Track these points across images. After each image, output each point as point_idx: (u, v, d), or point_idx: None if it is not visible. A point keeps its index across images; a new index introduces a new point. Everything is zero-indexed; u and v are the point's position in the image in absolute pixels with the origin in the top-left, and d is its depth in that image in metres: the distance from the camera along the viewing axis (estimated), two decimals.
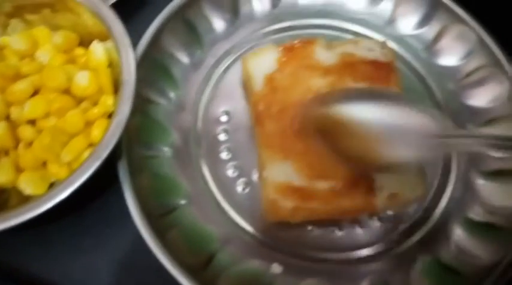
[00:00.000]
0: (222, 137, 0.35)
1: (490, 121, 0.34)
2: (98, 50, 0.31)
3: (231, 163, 0.34)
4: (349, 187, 0.29)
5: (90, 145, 0.29)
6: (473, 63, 0.36)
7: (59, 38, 0.31)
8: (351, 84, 0.32)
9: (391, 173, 0.29)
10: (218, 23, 0.37)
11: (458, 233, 0.31)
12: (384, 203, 0.29)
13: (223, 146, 0.34)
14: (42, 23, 0.33)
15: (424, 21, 0.38)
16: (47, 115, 0.29)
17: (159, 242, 0.27)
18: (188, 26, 0.36)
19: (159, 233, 0.28)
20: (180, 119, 0.34)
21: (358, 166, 0.28)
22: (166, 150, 0.33)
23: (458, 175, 0.34)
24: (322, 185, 0.29)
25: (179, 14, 0.35)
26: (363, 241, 0.31)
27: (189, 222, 0.31)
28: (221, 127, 0.35)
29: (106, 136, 0.26)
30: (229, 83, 0.36)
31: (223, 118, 0.35)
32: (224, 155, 0.34)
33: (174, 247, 0.28)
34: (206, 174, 0.33)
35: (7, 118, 0.29)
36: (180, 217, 0.30)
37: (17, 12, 0.33)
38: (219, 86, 0.36)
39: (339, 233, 0.31)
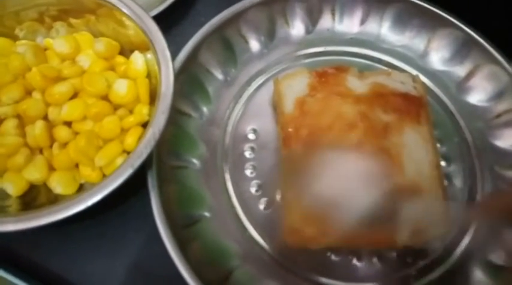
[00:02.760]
0: (248, 154, 0.35)
1: None
2: (139, 61, 0.32)
3: (254, 181, 0.34)
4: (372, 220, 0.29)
5: (123, 151, 0.30)
6: (504, 105, 0.36)
7: (101, 44, 0.32)
8: (380, 114, 0.32)
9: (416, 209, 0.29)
10: (254, 44, 0.38)
11: (478, 275, 0.31)
12: (405, 239, 0.29)
13: (248, 164, 0.35)
14: (86, 29, 0.35)
15: (456, 58, 0.38)
16: (84, 118, 0.30)
17: (181, 253, 0.28)
18: (225, 44, 0.37)
19: (182, 244, 0.28)
20: (209, 133, 0.35)
21: None
22: (195, 162, 0.33)
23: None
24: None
25: (218, 32, 0.36)
26: (380, 274, 0.31)
27: (210, 235, 0.31)
28: (248, 145, 0.35)
29: (140, 145, 0.27)
30: (260, 102, 0.37)
31: (251, 136, 0.36)
32: (249, 172, 0.34)
33: (194, 259, 0.28)
34: (230, 189, 0.34)
35: (45, 118, 0.30)
36: (202, 229, 0.31)
37: (62, 15, 0.34)
38: (249, 104, 0.37)
39: (357, 263, 0.31)
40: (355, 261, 0.32)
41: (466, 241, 0.33)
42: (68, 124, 0.30)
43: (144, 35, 0.31)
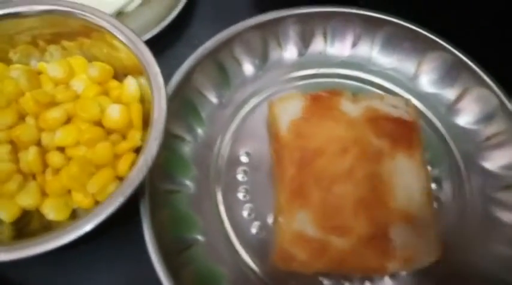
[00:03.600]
0: (240, 177, 0.35)
1: (507, 187, 0.35)
2: (132, 85, 0.32)
3: (247, 205, 0.34)
4: (363, 245, 0.29)
5: (116, 177, 0.30)
6: (494, 127, 0.36)
7: (95, 69, 0.32)
8: (373, 139, 0.32)
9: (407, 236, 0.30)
10: (247, 66, 0.39)
11: None
12: (396, 266, 0.29)
13: (241, 187, 0.35)
14: (79, 52, 0.35)
15: (446, 81, 0.39)
16: (77, 143, 0.30)
17: (173, 280, 0.28)
18: (219, 67, 0.37)
19: (174, 271, 0.28)
20: (203, 155, 0.35)
21: None
22: (187, 185, 0.34)
23: (473, 237, 0.34)
24: (336, 240, 0.30)
25: (211, 55, 0.36)
26: None
27: (203, 260, 0.31)
28: (241, 167, 0.35)
29: (133, 172, 0.27)
30: (253, 124, 0.37)
31: (244, 159, 0.36)
32: (241, 196, 0.34)
33: None
34: (222, 213, 0.34)
35: (38, 143, 0.30)
36: (194, 254, 0.31)
37: (55, 39, 0.34)
38: (242, 126, 0.37)
39: None
40: None
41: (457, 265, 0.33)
42: (61, 149, 0.30)
43: (137, 60, 0.31)
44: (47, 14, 0.32)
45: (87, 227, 0.25)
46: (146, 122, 0.31)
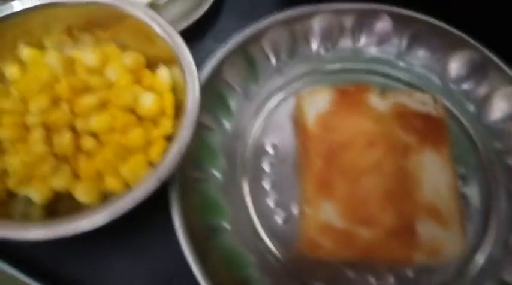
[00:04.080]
0: (267, 168, 0.36)
1: None
2: (165, 75, 0.32)
3: (273, 195, 0.34)
4: (389, 237, 0.29)
5: (148, 163, 0.30)
6: None
7: (128, 58, 0.33)
8: (401, 134, 0.33)
9: (434, 228, 0.30)
10: (275, 60, 0.39)
11: None
12: (421, 258, 0.30)
13: (267, 177, 0.35)
14: (112, 41, 0.35)
15: (474, 79, 0.39)
16: (110, 130, 0.31)
17: (201, 264, 0.28)
18: (248, 61, 0.38)
19: (202, 255, 0.29)
20: (230, 146, 0.36)
21: None
22: (215, 174, 0.34)
23: (497, 235, 0.34)
24: (362, 231, 0.30)
25: (241, 49, 0.37)
26: None
27: (229, 246, 0.31)
28: (267, 159, 0.36)
29: (167, 158, 0.27)
30: (279, 117, 0.38)
31: (270, 150, 0.36)
32: (267, 186, 0.35)
33: (213, 270, 0.29)
34: (248, 202, 0.34)
35: (72, 128, 0.31)
36: (222, 241, 0.31)
37: (89, 27, 0.35)
38: (269, 119, 0.38)
39: (373, 281, 0.32)
40: (370, 278, 0.32)
41: (480, 260, 0.33)
42: (94, 135, 0.31)
43: (170, 50, 0.32)
44: (84, 5, 0.33)
45: (123, 209, 0.26)
46: (177, 111, 0.31)
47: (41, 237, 0.25)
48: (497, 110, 0.38)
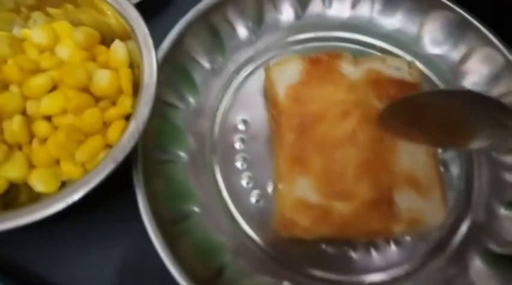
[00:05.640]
0: (238, 146, 0.34)
1: None
2: (120, 50, 0.30)
3: (245, 173, 0.33)
4: (367, 210, 0.28)
5: (106, 146, 0.28)
6: (501, 88, 0.35)
7: (80, 34, 0.31)
8: (375, 102, 0.31)
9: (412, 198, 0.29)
10: (241, 30, 0.37)
11: (477, 263, 0.30)
12: (402, 229, 0.28)
13: (238, 156, 0.33)
14: (64, 18, 0.33)
15: (450, 41, 0.37)
16: (64, 112, 0.28)
17: (170, 251, 0.27)
18: (211, 31, 0.35)
19: (170, 241, 0.27)
20: (197, 124, 0.34)
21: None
22: (182, 155, 0.32)
23: (479, 203, 0.33)
24: (339, 205, 0.28)
25: (203, 18, 0.34)
26: (377, 265, 0.30)
27: (200, 231, 0.30)
28: (238, 136, 0.34)
29: (123, 138, 0.26)
30: (249, 91, 0.36)
31: (241, 127, 0.34)
32: (239, 164, 0.33)
33: (184, 257, 0.27)
34: (220, 182, 0.32)
35: (23, 112, 0.29)
36: (192, 225, 0.30)
37: (39, 5, 0.32)
38: (238, 93, 0.36)
39: (353, 255, 0.31)
40: (351, 252, 0.31)
41: (463, 229, 0.32)
42: (48, 118, 0.29)
43: (124, 23, 0.30)
44: None
45: (77, 195, 0.24)
46: (136, 88, 0.29)
47: None
48: (475, 72, 0.36)
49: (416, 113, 0.29)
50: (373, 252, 0.31)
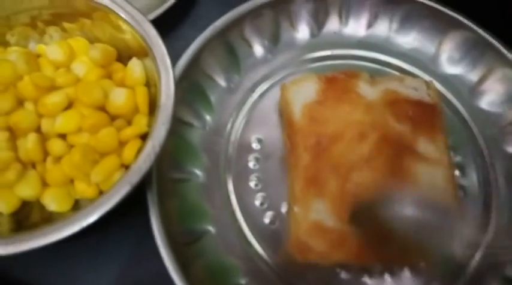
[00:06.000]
0: (252, 165, 0.33)
1: None
2: (137, 68, 0.30)
3: (259, 194, 0.32)
4: None
5: (121, 165, 0.28)
6: None
7: (96, 51, 0.30)
8: (393, 123, 0.30)
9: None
10: (258, 48, 0.37)
11: None
12: (418, 255, 0.28)
13: (253, 175, 0.33)
14: (81, 34, 0.33)
15: (469, 61, 0.37)
16: (79, 130, 0.28)
17: (183, 274, 0.26)
18: (228, 49, 0.35)
19: (184, 264, 0.27)
20: (212, 143, 0.33)
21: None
22: (197, 174, 0.32)
23: (498, 224, 0.32)
24: (356, 230, 0.28)
25: (220, 36, 0.34)
26: None
27: (213, 252, 0.29)
28: (252, 155, 0.34)
29: (139, 160, 0.25)
30: (264, 109, 0.35)
31: (255, 146, 0.34)
32: (253, 184, 0.33)
33: (197, 278, 0.27)
34: (233, 202, 0.32)
35: (38, 130, 0.29)
36: (205, 246, 0.29)
37: (55, 20, 0.32)
38: (253, 112, 0.35)
39: (368, 281, 0.30)
40: (366, 278, 0.30)
41: (479, 256, 0.31)
42: (63, 136, 0.29)
43: (142, 40, 0.29)
44: None
45: (91, 218, 0.24)
46: (153, 107, 0.29)
47: (3, 253, 0.23)
48: (493, 93, 0.36)
49: None
50: (389, 279, 0.30)
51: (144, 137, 0.28)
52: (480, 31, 0.36)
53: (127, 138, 0.28)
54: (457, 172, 0.33)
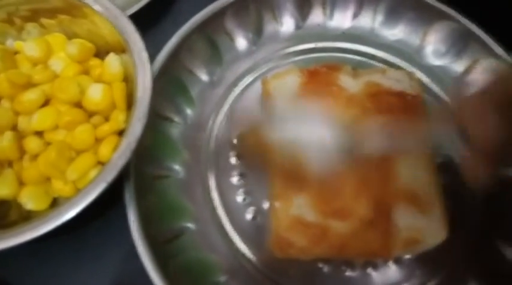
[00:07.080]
0: (234, 160, 0.33)
1: None
2: (114, 63, 0.29)
3: (241, 189, 0.32)
4: (365, 229, 0.27)
5: (98, 163, 0.28)
6: None
7: (74, 47, 0.30)
8: (375, 115, 0.30)
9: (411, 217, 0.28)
10: (240, 41, 0.36)
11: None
12: (400, 249, 0.27)
13: (234, 171, 0.33)
14: (59, 30, 0.32)
15: (454, 52, 0.36)
16: (55, 127, 0.28)
17: (161, 272, 0.26)
18: (209, 42, 0.35)
19: (162, 261, 0.26)
20: (193, 138, 0.33)
21: None
22: (177, 170, 0.32)
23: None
24: (337, 224, 0.27)
25: (201, 30, 0.34)
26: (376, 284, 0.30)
27: (193, 250, 0.29)
28: (234, 150, 0.33)
29: (115, 156, 0.25)
30: (247, 104, 0.35)
31: (237, 141, 0.34)
32: (235, 180, 0.32)
33: (176, 277, 0.27)
34: (215, 199, 0.32)
35: (14, 128, 0.28)
36: (185, 243, 0.29)
37: (33, 16, 0.32)
38: (236, 106, 0.35)
39: (350, 274, 0.30)
40: (348, 271, 0.30)
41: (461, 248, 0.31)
42: (39, 134, 0.28)
43: (119, 35, 0.29)
44: None
45: (67, 215, 0.24)
46: (131, 103, 0.28)
47: None
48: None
49: None
50: (372, 272, 0.30)
51: (121, 133, 0.28)
52: (465, 22, 0.35)
53: (104, 135, 0.28)
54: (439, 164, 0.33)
